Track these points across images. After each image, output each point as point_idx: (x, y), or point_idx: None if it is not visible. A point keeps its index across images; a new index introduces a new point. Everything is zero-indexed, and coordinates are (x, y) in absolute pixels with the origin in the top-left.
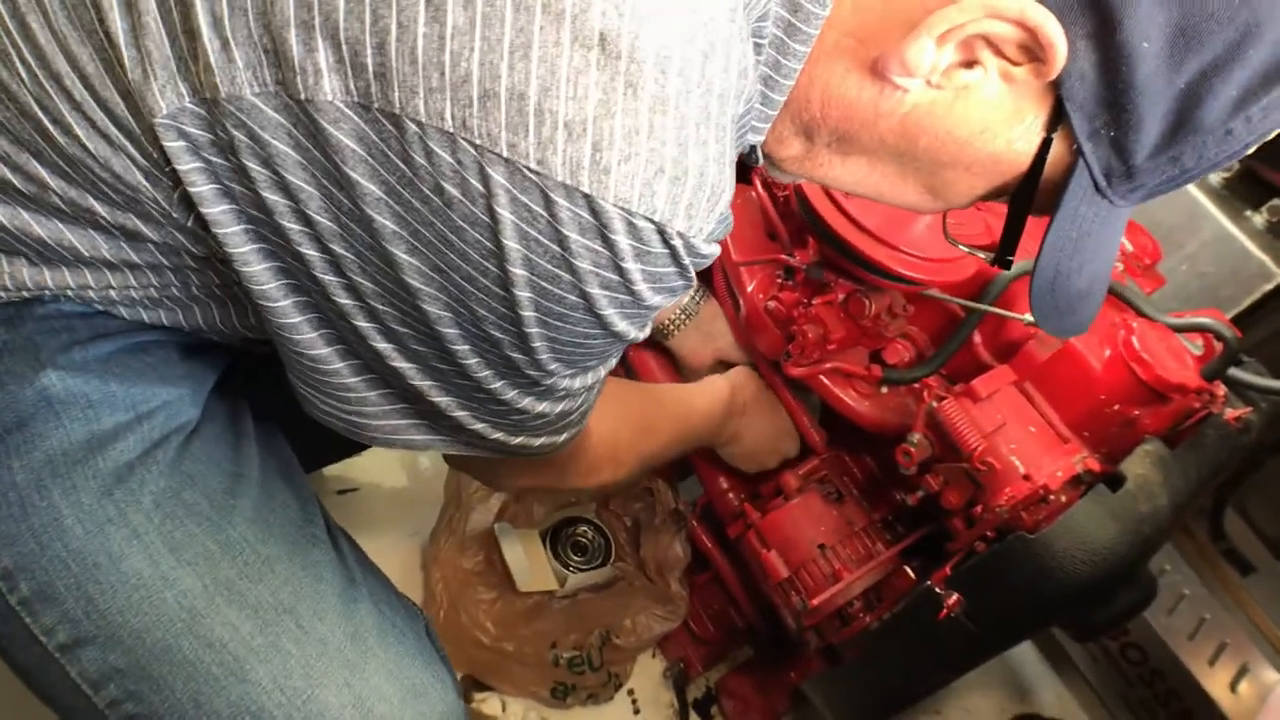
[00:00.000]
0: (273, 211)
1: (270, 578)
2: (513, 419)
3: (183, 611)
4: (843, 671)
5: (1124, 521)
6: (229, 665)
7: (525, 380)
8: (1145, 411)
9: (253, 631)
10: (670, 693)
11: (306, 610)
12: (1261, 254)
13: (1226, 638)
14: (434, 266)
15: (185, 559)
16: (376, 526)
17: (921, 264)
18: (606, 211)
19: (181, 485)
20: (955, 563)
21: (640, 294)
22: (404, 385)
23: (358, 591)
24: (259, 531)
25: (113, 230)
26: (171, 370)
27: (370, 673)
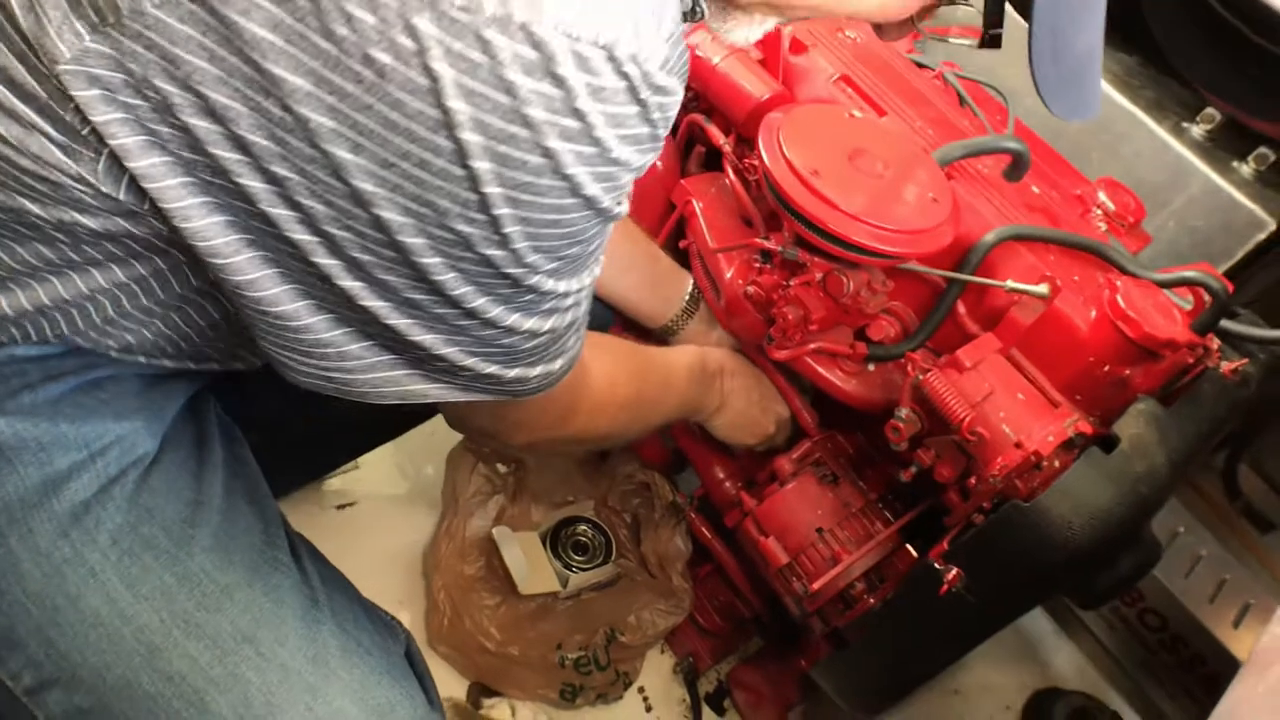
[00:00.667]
0: (204, 143)
1: (229, 606)
2: (503, 345)
3: (141, 647)
4: (849, 655)
5: (1120, 483)
6: (189, 698)
7: (507, 288)
8: (1137, 370)
9: (211, 662)
10: (681, 688)
11: (266, 636)
12: (1251, 203)
13: (1250, 598)
14: (382, 161)
15: (142, 594)
16: (376, 539)
17: (896, 236)
18: (548, 42)
19: (139, 520)
20: (952, 536)
21: (605, 142)
22: (383, 329)
23: (320, 613)
24: (218, 560)
25: (52, 233)
26: (125, 404)
27: (333, 695)
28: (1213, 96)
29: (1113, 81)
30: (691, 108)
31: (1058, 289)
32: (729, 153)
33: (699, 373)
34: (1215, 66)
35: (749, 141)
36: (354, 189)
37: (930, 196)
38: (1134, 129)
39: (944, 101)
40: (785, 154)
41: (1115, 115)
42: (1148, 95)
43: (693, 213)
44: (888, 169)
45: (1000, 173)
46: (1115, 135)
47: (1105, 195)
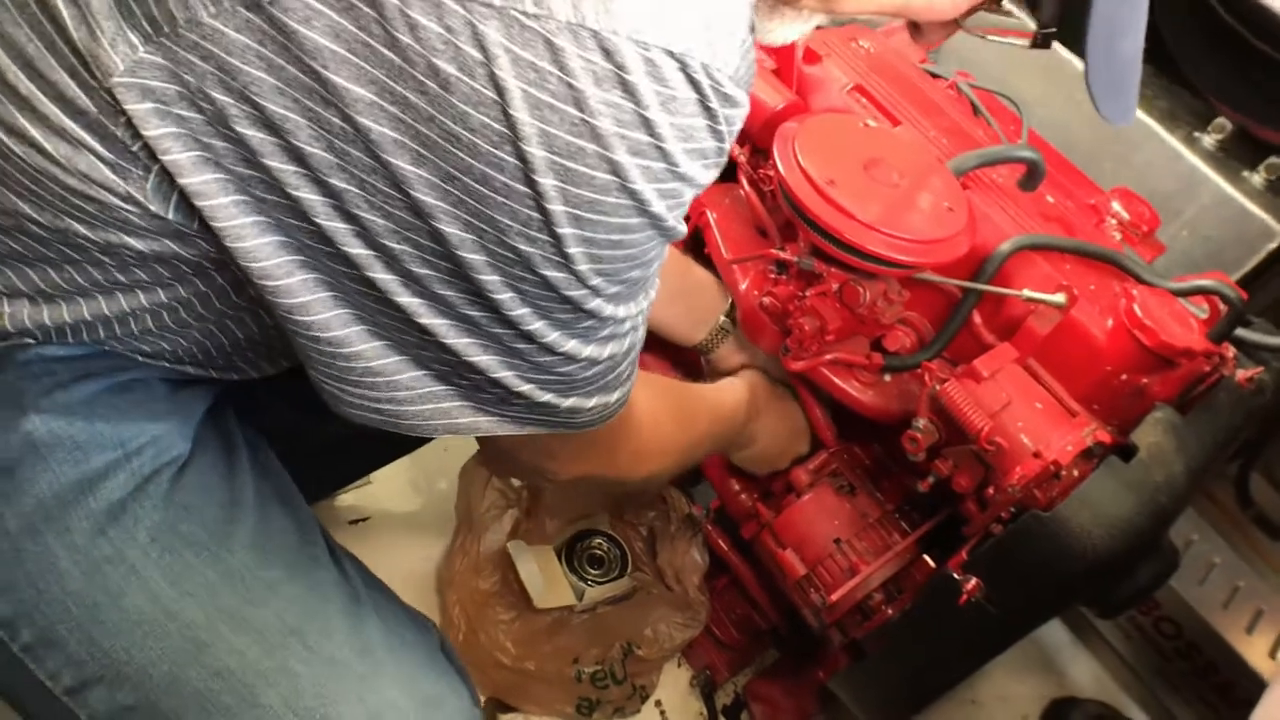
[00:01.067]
0: (260, 155)
1: (273, 601)
2: (560, 373)
3: (187, 643)
4: (868, 666)
5: (1139, 492)
6: (239, 692)
7: (566, 313)
8: (1153, 379)
9: (260, 656)
10: (699, 701)
11: (313, 630)
12: (1263, 213)
13: (1262, 604)
14: (445, 175)
15: (186, 590)
16: (391, 554)
17: (912, 246)
18: (619, 49)
19: (177, 518)
20: (971, 547)
21: (671, 155)
22: (437, 352)
23: (363, 608)
24: (258, 557)
25: (99, 256)
26: (157, 406)
27: (383, 686)
28: (1222, 106)
29: None
30: None
31: (1075, 298)
32: (744, 163)
33: (742, 416)
34: (1223, 75)
35: (764, 151)
36: (414, 201)
37: (946, 206)
38: (1147, 139)
39: (958, 111)
40: (801, 164)
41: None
42: (1160, 105)
43: (707, 224)
44: (903, 178)
45: (1015, 182)
46: (1128, 145)
47: (1120, 205)
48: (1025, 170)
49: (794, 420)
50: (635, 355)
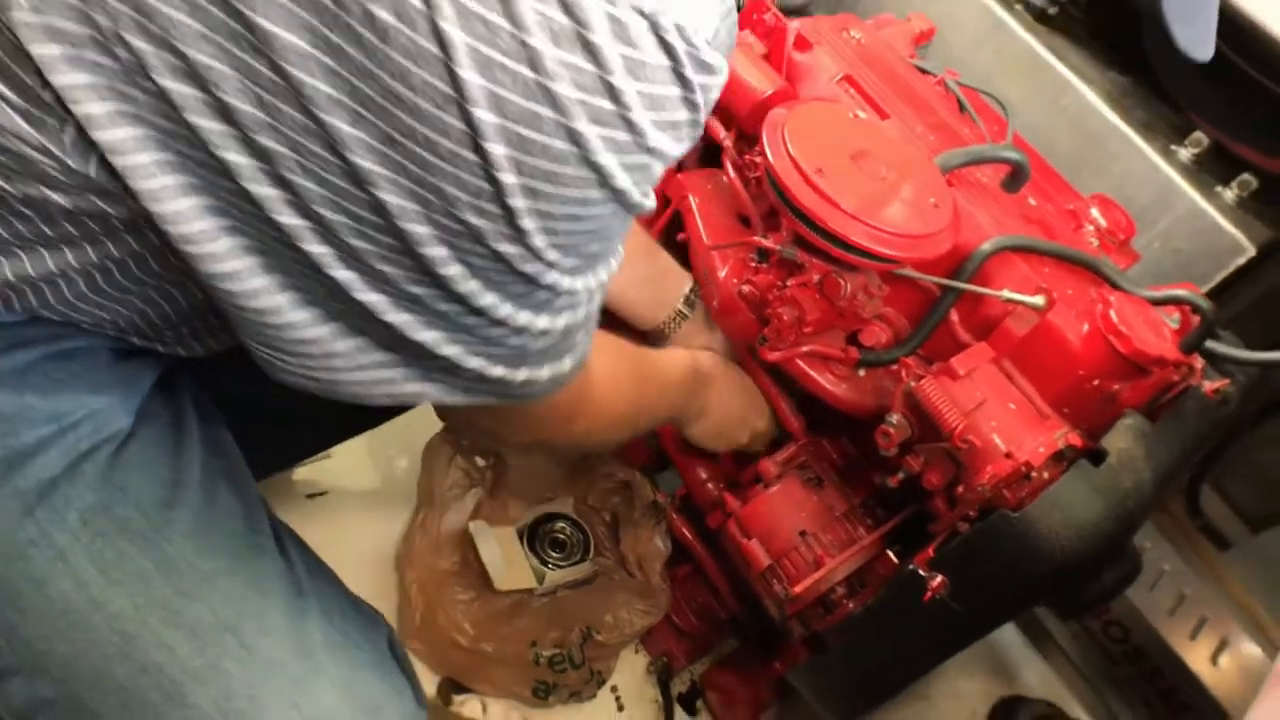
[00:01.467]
0: (183, 110)
1: (209, 594)
2: (512, 345)
3: (114, 635)
4: (828, 659)
5: (1108, 496)
6: (166, 690)
7: (519, 286)
8: (1125, 385)
9: (191, 653)
10: (654, 688)
11: (250, 627)
12: (1233, 228)
13: (1206, 612)
14: (385, 137)
15: (115, 579)
16: (348, 530)
17: (896, 240)
18: (580, 4)
19: (112, 500)
20: (938, 544)
21: (639, 126)
22: (377, 325)
23: (306, 603)
24: (197, 545)
25: (21, 207)
26: (99, 376)
27: (320, 691)
28: (1200, 120)
29: (1106, 100)
30: None
31: (1053, 301)
32: (729, 148)
33: (690, 381)
34: (1203, 90)
35: (750, 137)
36: (352, 166)
37: (932, 202)
38: (1125, 148)
39: (945, 108)
40: (789, 151)
41: (1107, 134)
42: (1139, 116)
43: (689, 209)
44: (891, 172)
45: (998, 183)
46: (1106, 154)
47: (1098, 211)
48: (1010, 171)
49: (748, 392)
50: (593, 323)
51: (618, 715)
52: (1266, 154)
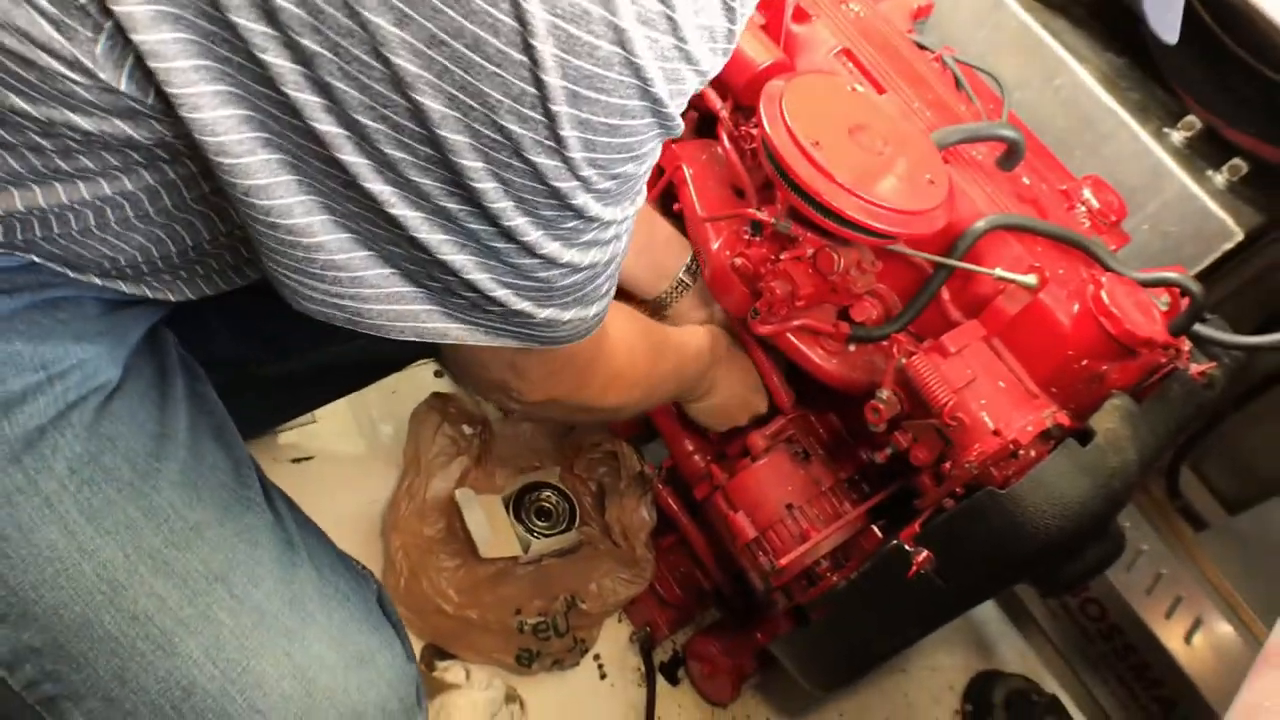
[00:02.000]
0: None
1: (199, 544)
2: (539, 279)
3: (103, 584)
4: (810, 631)
5: (1094, 475)
6: (155, 639)
7: (551, 208)
8: (1113, 366)
9: (181, 602)
10: (637, 657)
11: (240, 577)
12: (1222, 212)
13: (1182, 592)
14: (430, 38)
15: (104, 528)
16: (334, 495)
17: (891, 215)
18: None
19: (100, 449)
20: (924, 520)
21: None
22: (409, 249)
23: (297, 555)
24: (186, 496)
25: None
26: (86, 326)
27: (311, 640)
28: (1194, 104)
29: (1101, 81)
30: None
31: (1045, 280)
32: (725, 119)
33: (705, 360)
34: (1199, 75)
35: (746, 108)
36: (394, 69)
37: (928, 178)
38: (1118, 130)
39: (942, 84)
40: (787, 123)
41: (1100, 115)
42: (1134, 97)
43: (682, 179)
44: (887, 147)
45: (993, 161)
46: (1099, 135)
47: (1090, 192)
48: (1005, 149)
49: (752, 375)
50: (616, 268)
51: (600, 683)
52: (1258, 139)
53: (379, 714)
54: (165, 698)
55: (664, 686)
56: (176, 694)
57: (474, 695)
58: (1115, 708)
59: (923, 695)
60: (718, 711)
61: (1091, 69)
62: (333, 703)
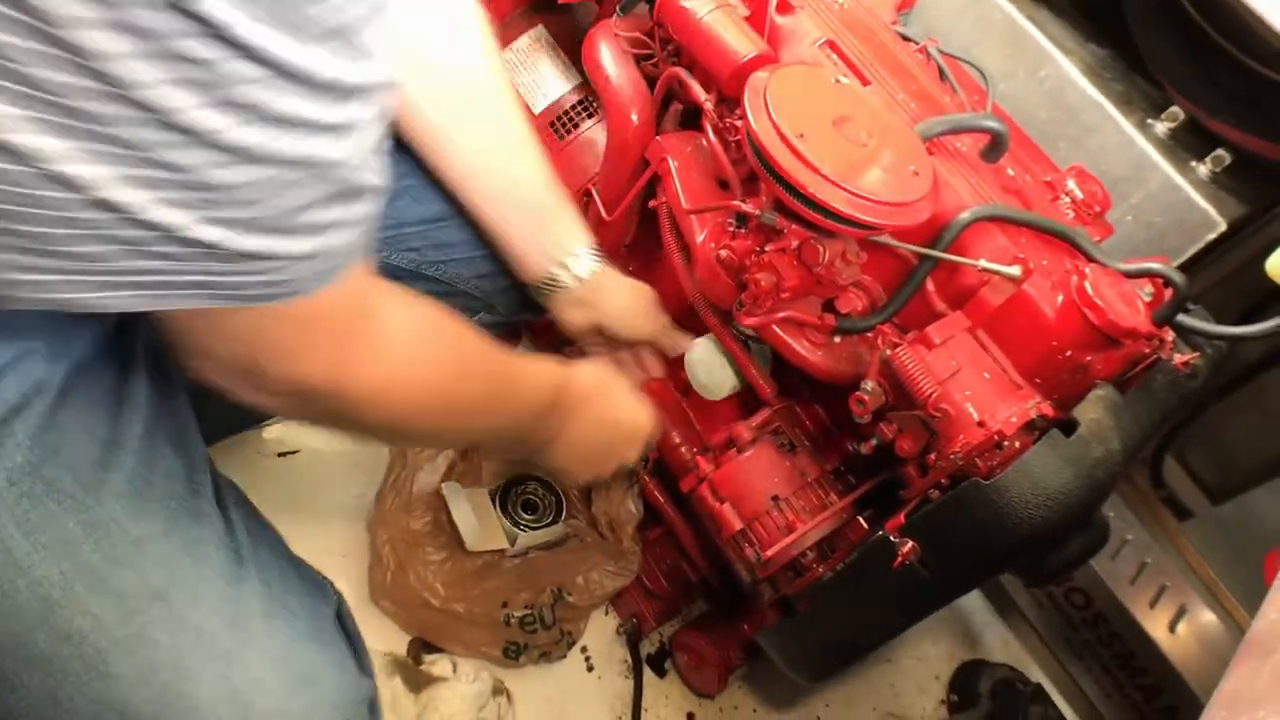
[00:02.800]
0: None
1: (140, 560)
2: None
3: (36, 601)
4: (797, 622)
5: (1078, 466)
6: (89, 659)
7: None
8: (1097, 357)
9: (116, 621)
10: (624, 649)
11: (181, 595)
12: (1205, 204)
13: (1166, 581)
14: None
15: (41, 543)
16: (320, 489)
17: (875, 207)
18: None
19: (42, 459)
20: (909, 511)
21: None
22: None
23: (244, 570)
24: (132, 507)
25: None
26: (22, 321)
27: (251, 662)
28: (1178, 95)
29: (1085, 72)
30: (672, 62)
31: (1029, 271)
32: (710, 111)
33: (544, 397)
34: (1182, 66)
35: (731, 100)
36: None
37: (912, 170)
38: (1102, 121)
39: (926, 76)
40: (771, 115)
41: (1084, 106)
42: (1117, 89)
43: (667, 171)
44: (871, 138)
45: (977, 152)
46: (1082, 126)
47: (1074, 183)
48: (989, 140)
49: (618, 419)
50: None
51: (587, 676)
52: (1241, 130)
53: None
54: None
55: (651, 678)
56: (109, 717)
57: (461, 688)
58: (1100, 696)
59: (909, 685)
60: (705, 703)
61: (1075, 60)
62: None
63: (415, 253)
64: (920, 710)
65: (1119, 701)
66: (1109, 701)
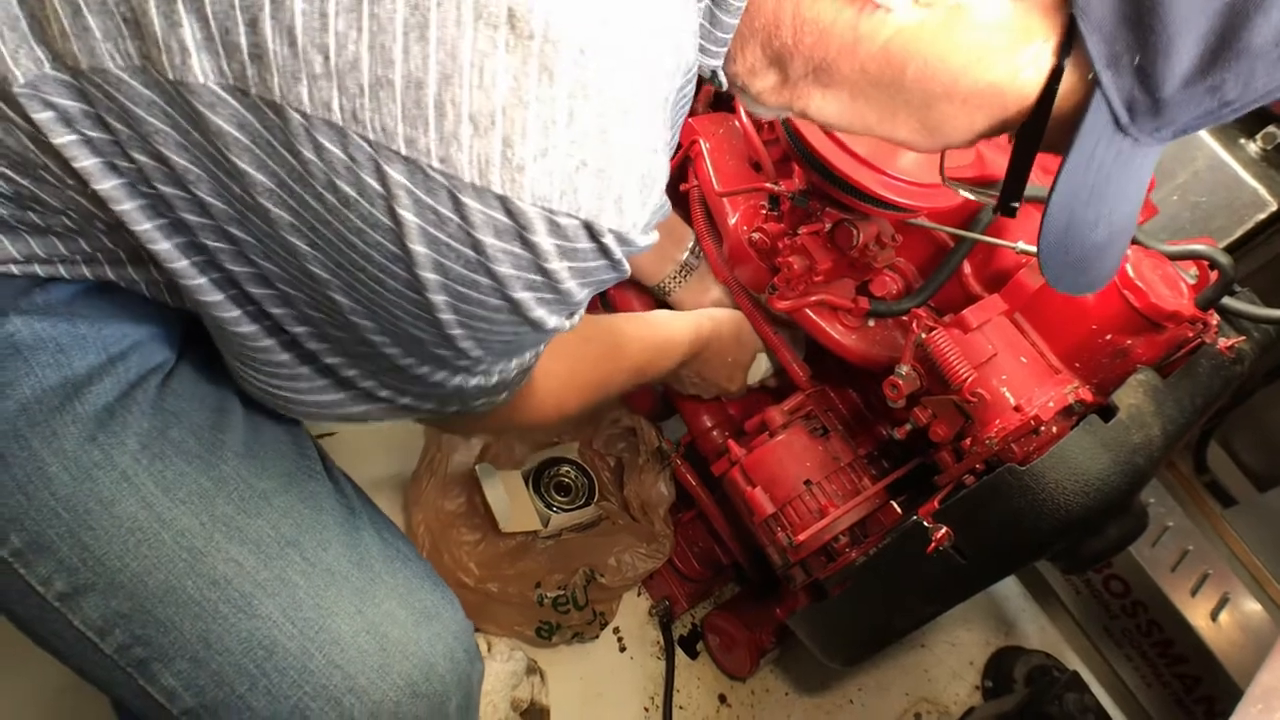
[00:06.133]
0: (163, 195)
1: (269, 511)
2: (445, 393)
3: (183, 551)
4: (829, 606)
5: (1116, 452)
6: (236, 601)
7: (453, 366)
8: (1138, 341)
9: (257, 566)
10: (656, 630)
11: (310, 541)
12: (1255, 182)
13: (1208, 568)
14: (337, 264)
15: (179, 498)
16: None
17: (911, 189)
18: (524, 213)
19: (166, 424)
20: (943, 496)
21: (568, 291)
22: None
23: (358, 520)
24: (252, 466)
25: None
26: (141, 308)
27: (381, 598)
28: None
29: None
30: None
31: None
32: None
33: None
34: None
35: None
36: (310, 271)
37: None
38: None
39: None
40: None
41: None
42: None
43: (699, 153)
44: None
45: None
46: None
47: None
48: None
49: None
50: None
51: (620, 656)
52: None
53: (448, 663)
54: (249, 657)
55: (683, 659)
56: (259, 653)
57: (495, 666)
58: (1138, 685)
59: (943, 671)
60: (736, 685)
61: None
62: (405, 655)
63: None
64: (954, 696)
65: (1157, 690)
66: (1147, 690)
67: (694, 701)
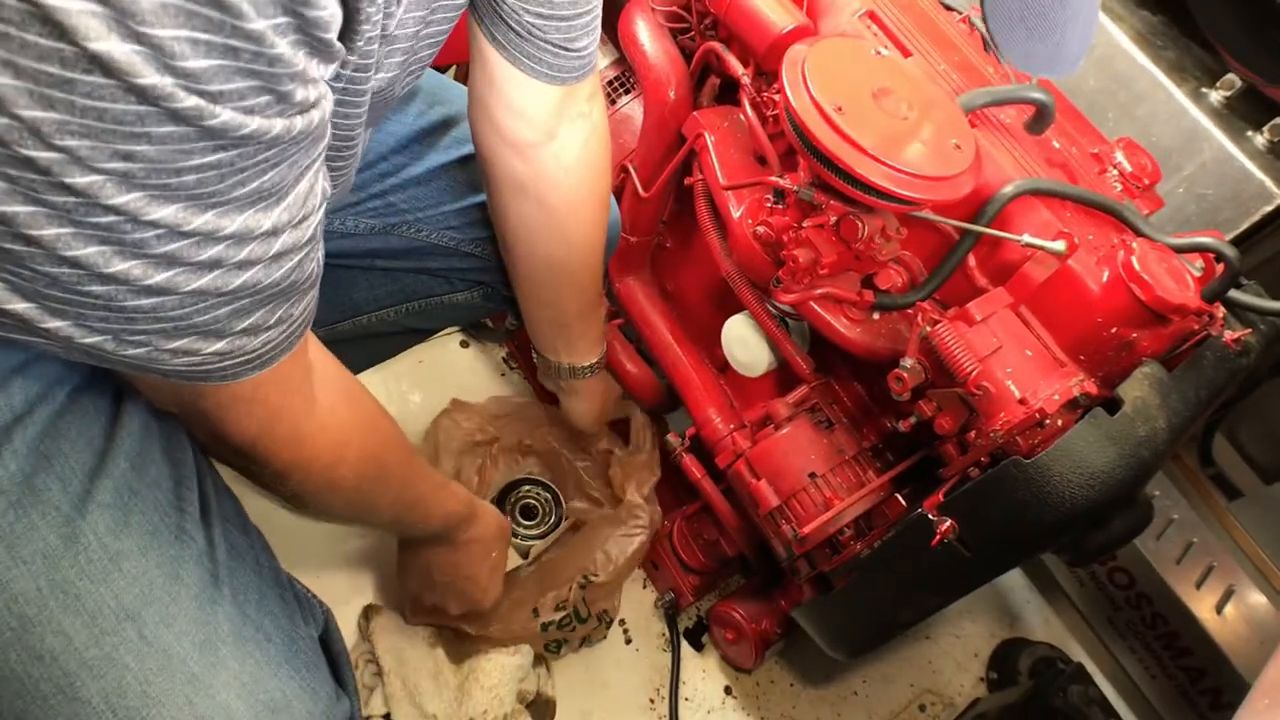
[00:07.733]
0: None
1: (116, 577)
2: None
3: (12, 618)
4: (834, 598)
5: (1122, 445)
6: (58, 681)
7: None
8: (1144, 334)
9: (87, 642)
10: (661, 623)
11: (152, 616)
12: (1262, 175)
13: (1214, 561)
14: None
15: (21, 557)
16: None
17: (916, 182)
18: None
19: (35, 468)
20: (948, 489)
21: None
22: None
23: (219, 592)
24: (115, 520)
25: None
26: None
27: (218, 688)
28: (1235, 62)
29: (1135, 40)
30: (709, 36)
31: (1074, 246)
32: (747, 85)
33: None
34: (1240, 31)
35: (768, 74)
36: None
37: (954, 143)
38: (1153, 90)
39: (969, 46)
40: (809, 89)
41: (1135, 74)
42: (1169, 56)
43: (704, 146)
44: (912, 111)
45: (1022, 124)
46: (1133, 95)
47: (1123, 156)
48: (1034, 112)
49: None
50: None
51: (626, 649)
52: None
53: None
54: None
55: (688, 652)
56: None
57: (502, 659)
58: (1143, 677)
59: (947, 663)
60: (742, 677)
61: (1126, 27)
62: None
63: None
64: (958, 688)
65: (1162, 683)
66: (1152, 683)
67: (700, 693)
